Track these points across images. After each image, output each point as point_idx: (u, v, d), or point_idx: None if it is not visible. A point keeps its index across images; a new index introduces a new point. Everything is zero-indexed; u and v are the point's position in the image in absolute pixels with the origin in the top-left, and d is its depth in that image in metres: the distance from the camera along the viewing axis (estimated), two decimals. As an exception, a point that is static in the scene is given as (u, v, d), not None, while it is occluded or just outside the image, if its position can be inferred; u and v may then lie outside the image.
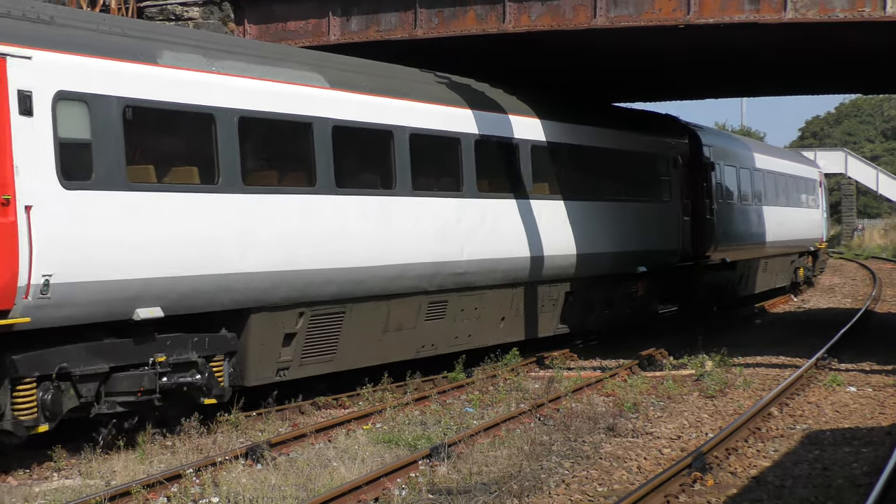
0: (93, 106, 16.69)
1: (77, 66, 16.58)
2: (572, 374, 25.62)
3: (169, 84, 17.94)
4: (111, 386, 17.20)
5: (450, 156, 24.59)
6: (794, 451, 17.59)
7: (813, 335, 33.06)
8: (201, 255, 18.15)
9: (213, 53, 19.21)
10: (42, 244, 15.72)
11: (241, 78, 19.34)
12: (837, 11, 24.48)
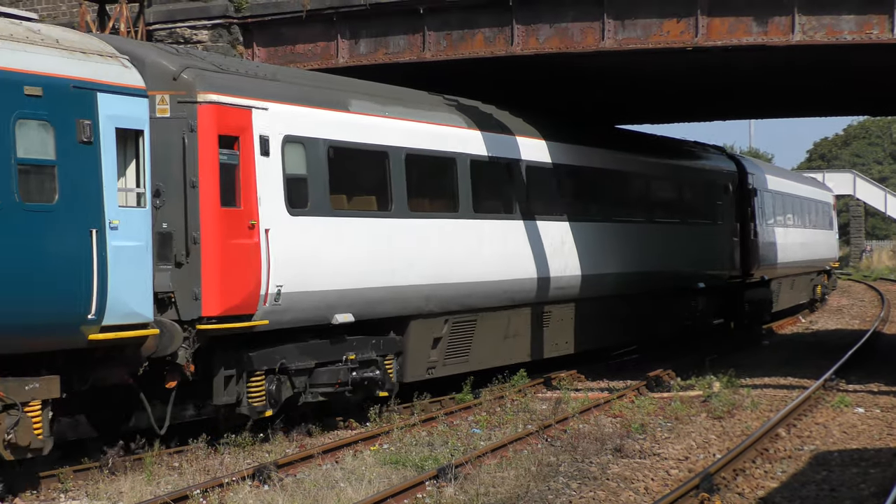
0: (307, 147, 20.60)
1: (297, 114, 20.46)
2: (580, 395, 25.56)
3: (357, 127, 21.90)
4: (315, 378, 20.78)
5: (557, 185, 28.58)
6: (802, 472, 17.51)
7: (821, 356, 32.97)
8: (381, 270, 22.03)
9: (383, 100, 23.08)
10: (276, 260, 19.42)
11: (405, 121, 23.28)
12: (845, 34, 24.47)
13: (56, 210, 16.17)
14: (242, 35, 27.84)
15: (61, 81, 16.38)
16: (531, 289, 27.01)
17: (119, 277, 16.83)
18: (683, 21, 25.23)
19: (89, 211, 16.60)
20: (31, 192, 15.90)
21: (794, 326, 46.44)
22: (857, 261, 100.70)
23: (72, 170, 16.41)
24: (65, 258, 16.23)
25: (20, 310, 15.68)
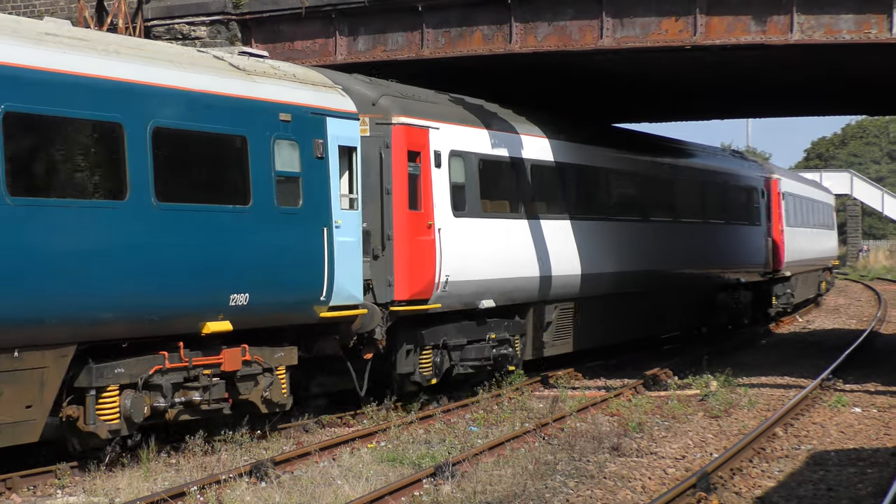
0: (465, 159, 24.78)
1: (458, 132, 24.69)
2: (577, 393, 25.57)
3: (497, 142, 26.05)
4: (466, 354, 24.79)
5: (642, 193, 33.31)
6: (799, 471, 17.53)
7: (818, 356, 33.01)
8: (513, 263, 26.19)
9: (516, 119, 27.50)
10: (445, 254, 23.52)
11: (532, 136, 27.67)
12: (844, 33, 24.47)
13: (300, 213, 20.04)
14: (241, 31, 27.84)
15: (303, 109, 20.28)
16: (632, 280, 32.15)
17: (341, 267, 20.68)
18: (682, 20, 25.24)
19: (322, 213, 20.47)
20: (284, 198, 19.68)
21: (792, 326, 46.47)
22: (854, 260, 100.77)
23: (310, 180, 20.27)
24: (307, 251, 20.13)
25: (277, 292, 19.46)
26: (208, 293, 18.32)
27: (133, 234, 17.09)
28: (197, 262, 18.08)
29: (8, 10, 28.96)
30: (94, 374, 16.83)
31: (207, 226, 18.36)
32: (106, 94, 16.93)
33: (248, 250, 18.96)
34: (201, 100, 18.37)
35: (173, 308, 17.80)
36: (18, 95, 15.68)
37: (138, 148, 17.18)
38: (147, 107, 17.47)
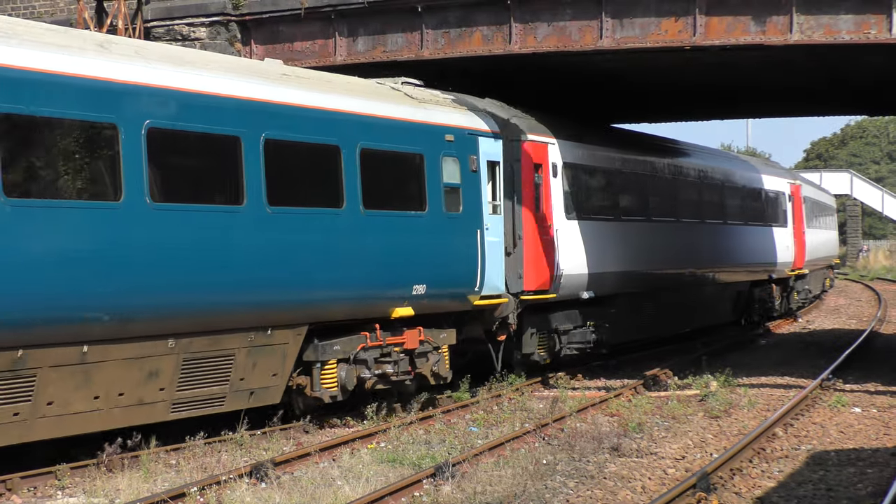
0: (573, 170, 28.79)
1: (567, 147, 28.64)
2: (577, 394, 25.57)
3: (592, 156, 30.18)
4: (571, 338, 28.80)
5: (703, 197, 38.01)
6: (799, 471, 17.53)
7: (818, 356, 33.01)
8: (605, 259, 29.84)
9: (591, 134, 31.16)
10: (560, 251, 27.36)
11: (607, 148, 31.54)
12: (843, 33, 24.47)
13: (461, 217, 23.85)
14: (240, 32, 27.85)
15: (462, 130, 24.11)
16: (691, 275, 36.64)
17: (489, 263, 24.47)
18: (681, 20, 25.24)
19: (476, 217, 24.25)
20: (449, 205, 23.46)
21: (791, 326, 46.48)
22: (854, 260, 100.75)
23: (467, 190, 24.04)
24: (466, 249, 23.92)
25: (446, 283, 23.31)
26: (399, 284, 22.18)
27: (349, 236, 20.98)
28: (393, 258, 22.00)
29: (7, 12, 28.97)
30: (319, 350, 20.75)
31: (399, 228, 22.33)
32: (327, 123, 20.82)
33: (425, 248, 22.88)
34: (394, 125, 22.47)
35: (376, 296, 21.73)
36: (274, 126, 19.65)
37: (351, 167, 21.12)
38: (356, 133, 21.37)
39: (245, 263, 18.92)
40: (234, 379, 19.20)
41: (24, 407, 16.14)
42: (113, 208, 16.90)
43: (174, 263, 17.78)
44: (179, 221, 17.88)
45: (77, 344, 16.62)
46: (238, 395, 19.41)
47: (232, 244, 18.75)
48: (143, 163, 17.21)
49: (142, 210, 17.26)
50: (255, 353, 19.47)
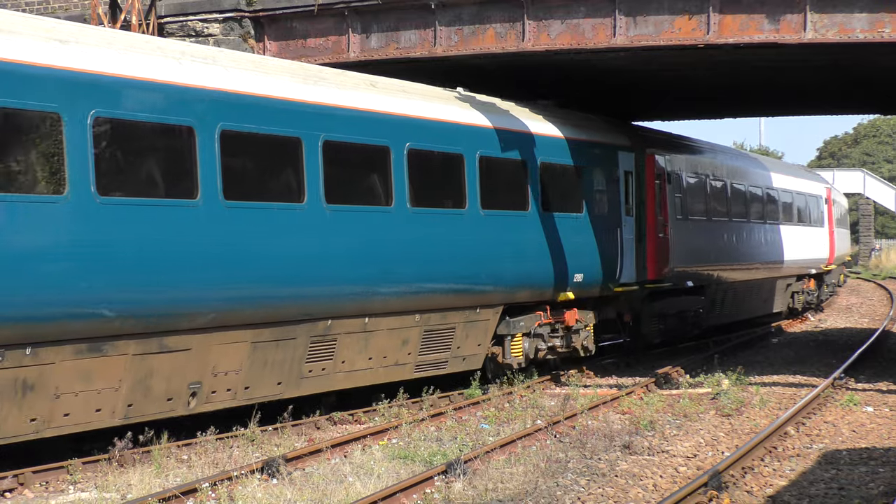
0: (681, 178, 33.45)
1: (676, 158, 33.60)
2: (588, 391, 25.55)
3: (687, 165, 34.63)
4: (677, 321, 33.54)
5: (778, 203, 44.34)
6: (811, 470, 17.50)
7: (830, 354, 32.95)
8: (703, 254, 35.25)
9: (689, 146, 36.18)
10: (672, 247, 32.26)
11: (701, 159, 36.26)
12: (857, 32, 24.41)
13: (606, 218, 28.99)
14: (254, 29, 27.85)
15: (608, 146, 29.55)
16: (758, 270, 41.56)
17: (625, 256, 29.55)
18: (695, 18, 25.21)
19: (617, 219, 29.46)
20: (598, 208, 28.46)
21: (803, 325, 46.41)
22: (866, 259, 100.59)
23: (611, 195, 29.25)
24: (610, 245, 29.07)
25: (597, 273, 28.42)
26: (567, 273, 27.23)
27: (533, 235, 26.10)
28: (565, 250, 27.06)
29: (21, 8, 28.99)
30: (510, 325, 25.80)
31: (567, 228, 27.28)
32: (522, 144, 25.96)
33: (583, 245, 27.94)
34: (566, 144, 27.62)
35: (550, 284, 26.70)
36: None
37: (535, 179, 26.22)
38: (539, 151, 26.52)
39: (469, 257, 24.00)
40: (454, 347, 24.24)
41: (328, 364, 21.04)
42: (385, 212, 21.95)
43: (426, 258, 22.81)
44: (498, 222, 25.09)
45: (361, 317, 21.38)
46: (455, 361, 24.45)
47: (458, 243, 23.78)
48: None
49: (405, 215, 22.45)
50: (468, 326, 24.52)
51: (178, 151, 17.87)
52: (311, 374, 20.70)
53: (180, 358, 18.06)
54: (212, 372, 18.70)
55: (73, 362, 16.54)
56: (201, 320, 18.18)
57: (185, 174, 17.90)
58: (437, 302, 23.32)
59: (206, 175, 18.08)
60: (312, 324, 20.39)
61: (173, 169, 17.83)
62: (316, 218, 20.20)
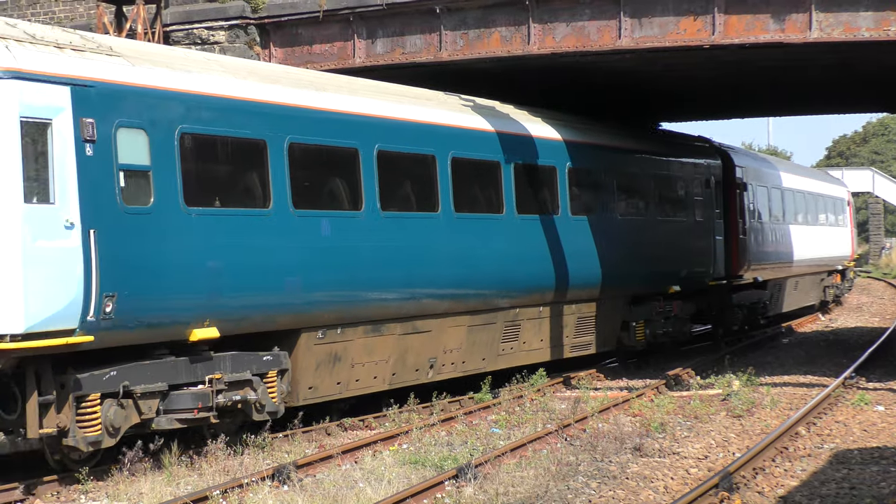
0: (754, 187, 38.81)
1: (748, 169, 38.64)
2: (599, 394, 25.55)
3: (756, 175, 39.57)
4: (749, 311, 39.12)
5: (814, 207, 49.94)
6: (822, 470, 17.49)
7: (840, 354, 32.92)
8: (774, 254, 40.92)
9: (755, 157, 43.75)
10: (749, 247, 37.67)
11: (763, 167, 41.92)
12: (863, 31, 24.41)
13: (703, 222, 34.42)
14: (259, 36, 27.89)
15: (705, 162, 35.11)
16: (807, 266, 46.77)
17: (718, 255, 34.76)
18: (700, 19, 25.22)
19: (711, 222, 34.92)
20: (699, 214, 34.10)
21: (814, 324, 46.37)
22: (876, 258, 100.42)
23: (707, 202, 34.78)
24: (707, 245, 34.64)
25: (696, 270, 34.13)
26: (676, 271, 32.75)
27: (652, 237, 31.29)
28: (675, 251, 32.61)
29: (28, 17, 29.06)
30: (634, 313, 30.88)
31: (678, 231, 32.86)
32: (642, 162, 31.68)
33: (689, 244, 33.63)
34: (684, 164, 33.99)
35: (664, 280, 32.21)
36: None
37: (652, 189, 31.85)
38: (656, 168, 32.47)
39: (615, 260, 29.07)
40: (596, 331, 29.24)
41: (515, 343, 26.13)
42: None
43: (584, 260, 28.00)
44: (634, 227, 30.61)
45: (536, 306, 26.52)
46: (597, 342, 29.51)
47: (610, 247, 28.98)
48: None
49: (568, 224, 27.54)
50: (606, 314, 29.53)
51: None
52: (503, 352, 25.88)
53: (425, 338, 23.12)
54: (443, 349, 23.83)
55: (363, 340, 21.41)
56: (440, 308, 23.40)
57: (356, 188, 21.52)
58: (587, 295, 28.62)
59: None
60: (506, 311, 25.57)
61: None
62: (511, 223, 25.59)
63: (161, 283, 17.38)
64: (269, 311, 19.31)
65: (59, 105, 16.21)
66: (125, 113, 17.13)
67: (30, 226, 15.73)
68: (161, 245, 17.38)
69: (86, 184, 16.31)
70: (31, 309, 15.66)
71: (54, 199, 16.01)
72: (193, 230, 17.95)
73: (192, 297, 17.93)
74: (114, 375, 16.87)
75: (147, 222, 17.24)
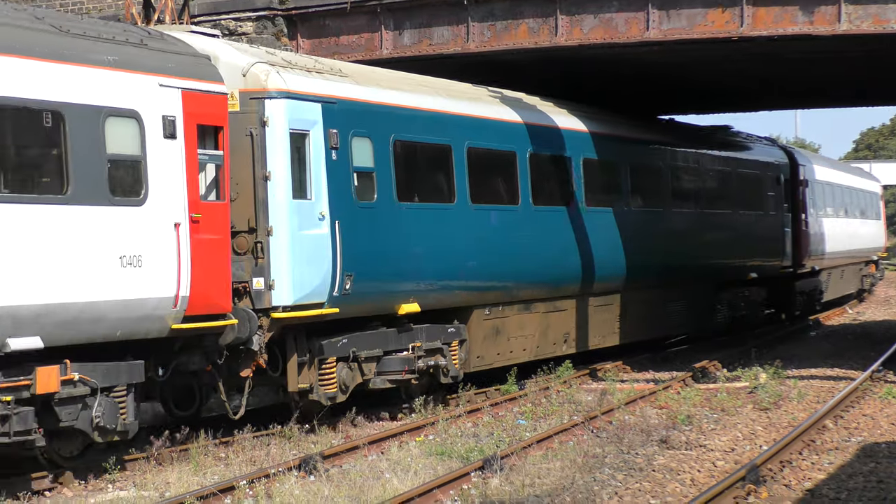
0: (817, 184, 44.07)
1: (807, 168, 43.05)
2: (625, 386, 25.53)
3: (814, 172, 44.87)
4: (821, 295, 45.37)
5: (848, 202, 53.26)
6: (849, 463, 17.43)
7: (868, 347, 32.82)
8: (832, 242, 45.84)
9: (814, 157, 50.71)
10: (809, 238, 42.00)
11: (820, 166, 47.82)
12: (892, 23, 24.30)
13: (776, 215, 39.42)
14: (287, 27, 27.88)
15: (777, 163, 40.04)
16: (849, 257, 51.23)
17: (786, 244, 39.84)
18: (728, 11, 25.13)
19: (781, 215, 39.44)
20: (772, 208, 38.85)
21: (841, 317, 46.25)
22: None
23: (777, 197, 39.28)
24: (779, 237, 39.49)
25: (768, 258, 38.61)
26: (754, 260, 37.34)
27: (735, 228, 36.01)
28: (754, 242, 37.44)
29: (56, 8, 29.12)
30: (719, 298, 35.33)
31: (755, 223, 37.45)
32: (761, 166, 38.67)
33: (764, 235, 38.32)
34: (760, 164, 38.91)
35: (745, 268, 36.97)
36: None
37: (739, 187, 36.98)
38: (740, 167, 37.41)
39: (707, 251, 33.91)
40: (696, 311, 33.76)
41: (626, 321, 29.82)
42: (660, 211, 31.88)
43: (686, 251, 32.54)
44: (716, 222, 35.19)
45: (641, 289, 30.44)
46: (688, 324, 33.95)
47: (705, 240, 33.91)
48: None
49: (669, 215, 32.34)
50: (697, 297, 33.87)
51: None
52: (616, 330, 29.49)
53: (562, 316, 27.08)
54: (574, 326, 27.56)
55: (517, 316, 25.34)
56: (574, 290, 27.50)
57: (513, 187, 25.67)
58: (685, 281, 32.82)
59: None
60: (620, 294, 29.45)
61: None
62: (630, 216, 30.04)
63: (382, 265, 21.19)
64: (453, 290, 23.35)
65: (314, 118, 19.93)
66: (357, 124, 20.92)
67: (296, 217, 19.33)
68: (381, 234, 21.30)
69: (332, 182, 20.09)
70: (297, 285, 19.16)
71: (311, 195, 19.69)
72: (403, 222, 21.91)
73: (402, 278, 21.84)
74: (345, 343, 20.47)
75: (371, 215, 21.13)
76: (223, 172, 18.40)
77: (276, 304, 18.90)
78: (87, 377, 16.03)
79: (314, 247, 19.60)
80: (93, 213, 16.19)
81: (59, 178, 15.90)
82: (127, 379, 16.67)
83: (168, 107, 17.43)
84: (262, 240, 19.04)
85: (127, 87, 16.87)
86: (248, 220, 19.05)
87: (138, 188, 16.92)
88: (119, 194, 16.61)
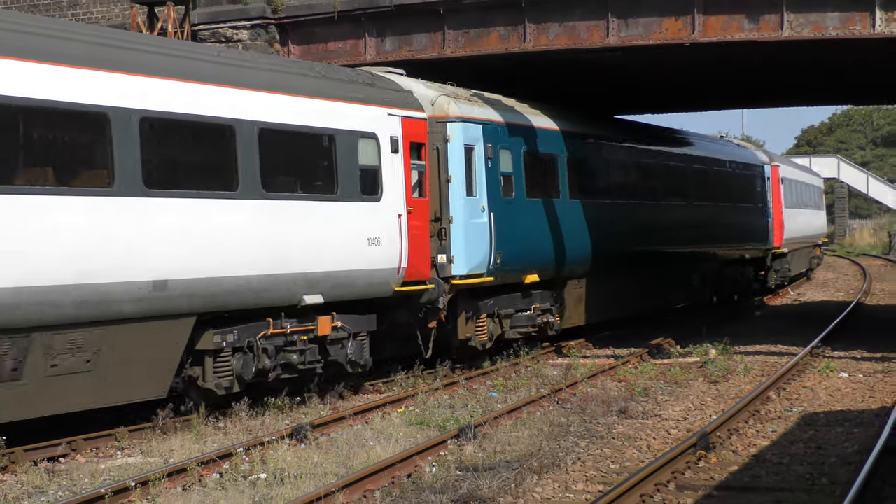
0: (788, 182, 49.04)
1: (785, 168, 49.47)
2: (588, 361, 25.60)
3: (790, 173, 51.69)
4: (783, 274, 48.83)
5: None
6: (791, 431, 17.55)
7: (808, 326, 32.94)
8: (794, 230, 49.42)
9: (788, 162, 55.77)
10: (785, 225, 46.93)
11: (792, 168, 53.59)
12: (830, 30, 24.40)
13: (759, 206, 42.78)
14: (279, 34, 27.86)
15: (759, 164, 44.21)
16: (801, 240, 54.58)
17: (770, 232, 44.27)
18: (681, 19, 25.20)
19: (764, 207, 43.47)
20: (756, 200, 42.26)
21: (784, 298, 46.40)
22: (841, 238, 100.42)
23: (761, 191, 43.32)
24: (763, 224, 43.60)
25: (759, 241, 43.34)
26: (751, 240, 42.11)
27: (737, 216, 40.42)
28: (748, 228, 41.66)
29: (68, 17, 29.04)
30: (722, 273, 40.00)
31: (749, 213, 41.99)
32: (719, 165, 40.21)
33: (754, 223, 42.36)
34: (744, 164, 42.86)
35: (745, 246, 41.38)
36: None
37: (731, 181, 40.86)
38: (738, 167, 41.91)
39: (734, 233, 40.41)
40: (703, 285, 38.19)
41: (671, 288, 35.67)
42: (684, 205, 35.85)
43: (703, 235, 37.39)
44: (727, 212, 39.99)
45: (673, 263, 35.41)
46: (699, 295, 38.47)
47: (729, 224, 39.41)
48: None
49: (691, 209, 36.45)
50: (706, 274, 38.26)
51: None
52: (643, 300, 33.35)
53: (603, 289, 29.70)
54: (641, 291, 32.56)
55: (575, 290, 28.52)
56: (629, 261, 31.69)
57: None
58: (696, 261, 37.21)
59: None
60: (646, 268, 33.01)
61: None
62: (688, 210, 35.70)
63: (518, 245, 25.12)
64: (556, 264, 27.23)
65: (478, 136, 24.06)
66: (502, 140, 25.10)
67: (468, 210, 23.54)
68: (518, 222, 25.25)
69: (489, 184, 24.24)
70: (469, 260, 23.34)
71: (476, 193, 23.87)
72: (530, 212, 26.08)
73: (529, 255, 25.73)
74: (492, 303, 24.75)
75: (512, 207, 25.16)
76: (425, 177, 22.73)
77: (455, 274, 23.01)
78: (346, 325, 20.32)
79: (479, 232, 23.83)
80: (352, 206, 20.45)
81: (331, 181, 20.11)
82: (367, 327, 20.98)
83: (393, 129, 21.69)
84: (445, 226, 23.17)
85: (369, 116, 21.17)
86: (434, 211, 23.04)
87: (376, 188, 21.12)
88: (366, 193, 20.82)
